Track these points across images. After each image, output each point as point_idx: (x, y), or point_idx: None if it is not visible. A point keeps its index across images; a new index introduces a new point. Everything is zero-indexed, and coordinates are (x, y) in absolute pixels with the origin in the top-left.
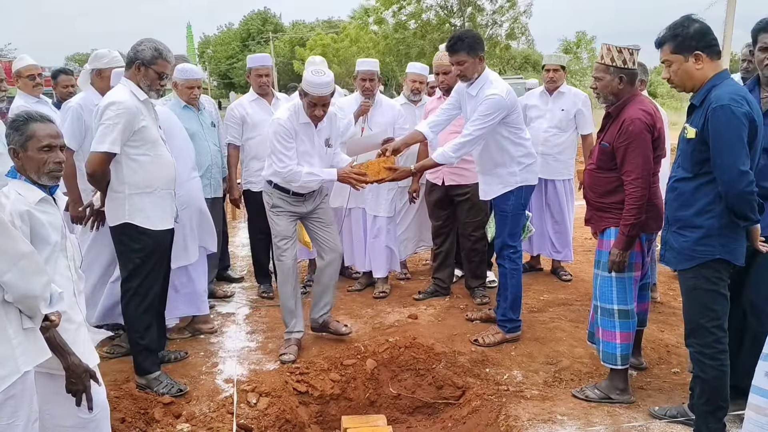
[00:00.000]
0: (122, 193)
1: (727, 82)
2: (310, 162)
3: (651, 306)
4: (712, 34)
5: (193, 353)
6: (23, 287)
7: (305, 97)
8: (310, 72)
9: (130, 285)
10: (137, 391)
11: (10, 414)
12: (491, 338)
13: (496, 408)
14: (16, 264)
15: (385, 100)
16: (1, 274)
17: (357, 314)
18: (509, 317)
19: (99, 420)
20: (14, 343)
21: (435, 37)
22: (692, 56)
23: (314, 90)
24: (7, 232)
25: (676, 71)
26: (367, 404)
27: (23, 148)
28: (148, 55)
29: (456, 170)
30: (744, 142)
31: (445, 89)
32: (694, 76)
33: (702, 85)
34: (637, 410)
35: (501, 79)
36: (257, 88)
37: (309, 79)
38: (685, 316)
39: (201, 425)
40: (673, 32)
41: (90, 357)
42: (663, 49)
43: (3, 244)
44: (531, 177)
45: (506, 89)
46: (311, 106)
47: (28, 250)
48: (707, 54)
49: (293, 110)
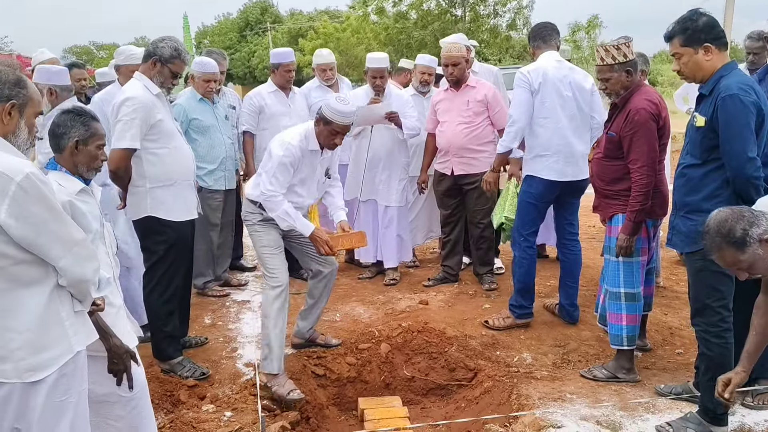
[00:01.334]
0: (143, 188)
1: (735, 72)
2: (306, 189)
3: (655, 290)
4: (719, 26)
5: (212, 339)
6: (77, 272)
7: (327, 126)
8: (335, 99)
9: (153, 275)
10: (162, 374)
11: (64, 391)
12: (501, 322)
13: (507, 388)
14: (70, 250)
15: (395, 91)
16: (58, 260)
17: (369, 301)
18: (518, 303)
19: (139, 398)
20: (66, 324)
21: (436, 28)
22: (702, 48)
23: (341, 119)
24: (63, 219)
25: (686, 63)
26: (382, 386)
27: (85, 142)
28: (167, 53)
29: (465, 160)
30: (752, 130)
31: (453, 81)
32: (704, 67)
33: (711, 75)
34: (643, 388)
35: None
36: (285, 83)
37: (335, 107)
38: (692, 296)
39: (226, 406)
40: (682, 26)
41: (129, 339)
42: (673, 42)
43: (59, 230)
44: (541, 169)
45: (534, 67)
46: (332, 134)
47: (81, 237)
48: (716, 46)
49: (304, 135)
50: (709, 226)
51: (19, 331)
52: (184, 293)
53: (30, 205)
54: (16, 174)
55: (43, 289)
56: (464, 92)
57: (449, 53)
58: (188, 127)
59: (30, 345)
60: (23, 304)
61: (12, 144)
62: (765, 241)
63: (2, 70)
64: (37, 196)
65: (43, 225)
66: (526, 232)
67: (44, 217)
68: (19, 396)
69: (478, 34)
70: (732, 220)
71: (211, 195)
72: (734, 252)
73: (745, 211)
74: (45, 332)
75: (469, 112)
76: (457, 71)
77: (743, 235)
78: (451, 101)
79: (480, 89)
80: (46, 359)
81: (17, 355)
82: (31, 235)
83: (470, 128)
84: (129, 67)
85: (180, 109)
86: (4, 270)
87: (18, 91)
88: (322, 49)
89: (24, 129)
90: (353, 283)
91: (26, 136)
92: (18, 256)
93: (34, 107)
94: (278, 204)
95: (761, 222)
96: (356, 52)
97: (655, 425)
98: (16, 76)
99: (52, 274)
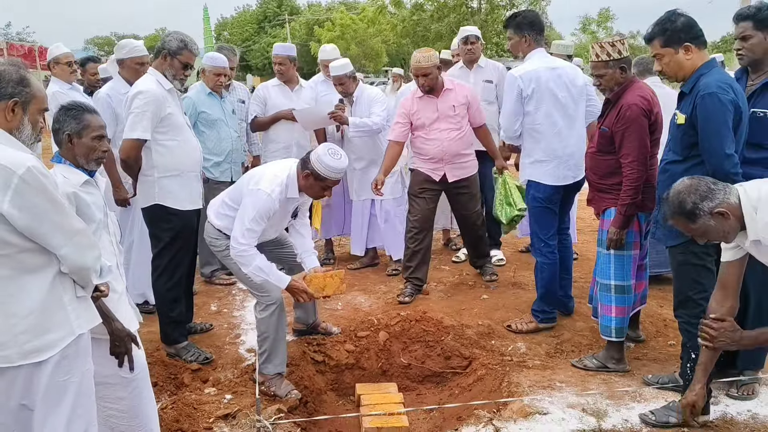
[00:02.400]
0: (152, 177)
1: (714, 70)
2: (273, 228)
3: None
4: (698, 26)
5: (217, 325)
6: (78, 260)
7: (319, 181)
8: (327, 154)
9: (160, 261)
10: (167, 358)
11: (66, 371)
12: (524, 326)
13: (499, 376)
14: (71, 239)
15: (366, 91)
16: (59, 248)
17: (371, 290)
18: (541, 308)
19: (140, 379)
20: (69, 309)
21: (452, 20)
22: (682, 48)
23: (334, 175)
24: (64, 210)
25: (668, 63)
26: (379, 373)
27: (78, 135)
28: (174, 45)
29: (459, 165)
30: (729, 128)
31: (427, 90)
32: (685, 66)
33: (692, 74)
34: (632, 378)
35: (538, 63)
36: (277, 75)
37: (328, 163)
38: (675, 288)
39: (226, 389)
40: (662, 27)
41: (131, 323)
42: (653, 44)
43: (60, 220)
44: (541, 175)
45: (526, 70)
46: (324, 189)
47: (82, 226)
48: (695, 45)
49: (285, 184)
50: (667, 193)
51: (23, 316)
52: (188, 281)
53: (32, 197)
54: (18, 167)
55: (46, 276)
56: (445, 97)
57: (419, 64)
58: (197, 119)
59: (33, 328)
60: (27, 290)
61: (17, 139)
62: (717, 214)
63: (6, 69)
64: (38, 188)
65: (45, 215)
66: (546, 236)
67: (45, 207)
68: (24, 376)
69: (494, 26)
70: (685, 193)
71: (218, 186)
72: (685, 221)
73: (702, 185)
74: (48, 316)
75: (456, 117)
76: (429, 81)
77: (693, 209)
78: (433, 108)
79: (459, 90)
80: (49, 341)
81: (21, 339)
82: (33, 224)
83: (461, 133)
84: (133, 60)
85: (189, 102)
86: (9, 257)
87: (21, 89)
88: (326, 45)
89: (28, 125)
90: (357, 273)
91: (30, 132)
92: (21, 244)
93: (37, 104)
94: (251, 258)
95: (716, 196)
96: (372, 43)
97: (639, 413)
98: (19, 75)
99: (55, 261)
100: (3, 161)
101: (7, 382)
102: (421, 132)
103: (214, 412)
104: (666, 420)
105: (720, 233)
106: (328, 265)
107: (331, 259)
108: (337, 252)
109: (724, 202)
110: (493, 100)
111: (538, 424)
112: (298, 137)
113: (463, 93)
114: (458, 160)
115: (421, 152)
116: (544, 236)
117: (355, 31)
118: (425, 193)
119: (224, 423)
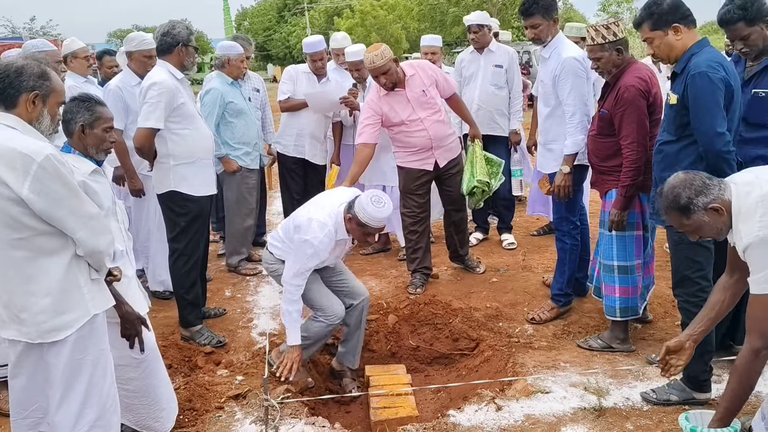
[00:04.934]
0: (167, 164)
1: (705, 50)
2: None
3: (663, 264)
4: (684, 5)
5: (230, 310)
6: (93, 243)
7: (361, 227)
8: (371, 202)
9: (176, 246)
10: (182, 342)
11: (81, 350)
12: (547, 314)
13: (505, 357)
14: (86, 224)
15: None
16: (75, 231)
17: (382, 275)
18: (565, 292)
19: (150, 360)
20: (84, 290)
21: (469, 3)
22: (671, 29)
23: (376, 223)
24: (79, 195)
25: (659, 46)
26: (388, 355)
27: (90, 126)
28: (184, 35)
29: (446, 147)
30: (720, 106)
31: (390, 87)
32: (675, 46)
33: (683, 54)
34: (636, 358)
35: (572, 48)
36: (315, 70)
37: (372, 214)
38: (673, 268)
39: (238, 371)
40: (648, 11)
41: (140, 306)
42: (642, 28)
43: (76, 205)
44: (583, 158)
45: (581, 53)
46: (366, 235)
47: (96, 211)
48: (684, 24)
49: (334, 230)
50: (662, 188)
51: (41, 296)
52: (202, 265)
53: (50, 183)
54: (37, 155)
55: (63, 258)
56: (411, 84)
57: (373, 65)
58: (224, 110)
59: (51, 308)
60: (45, 271)
61: (36, 129)
62: (711, 210)
63: (28, 63)
64: (55, 174)
65: (62, 200)
66: (575, 218)
67: (63, 193)
68: (46, 353)
69: (512, 10)
70: (680, 187)
71: (250, 174)
72: (679, 216)
73: (697, 179)
74: (65, 297)
75: (431, 101)
76: (390, 78)
77: (687, 203)
78: (403, 101)
79: (421, 71)
80: (66, 321)
81: (39, 318)
82: (51, 209)
83: (440, 114)
84: (142, 53)
85: (216, 94)
86: (28, 240)
87: (42, 83)
88: (338, 33)
89: (47, 117)
90: (369, 258)
91: (49, 123)
92: (39, 227)
93: (56, 97)
94: (294, 303)
95: (711, 191)
96: (392, 30)
97: (640, 392)
98: (40, 69)
99: (71, 245)
100: (23, 149)
101: (34, 357)
102: (402, 127)
103: (225, 392)
104: (667, 398)
105: (713, 230)
106: None
107: None
108: None
109: (718, 197)
110: (503, 85)
111: (539, 402)
112: (313, 128)
113: (427, 73)
114: (445, 143)
115: (408, 146)
116: (574, 218)
117: (375, 17)
118: (419, 188)
119: (235, 403)
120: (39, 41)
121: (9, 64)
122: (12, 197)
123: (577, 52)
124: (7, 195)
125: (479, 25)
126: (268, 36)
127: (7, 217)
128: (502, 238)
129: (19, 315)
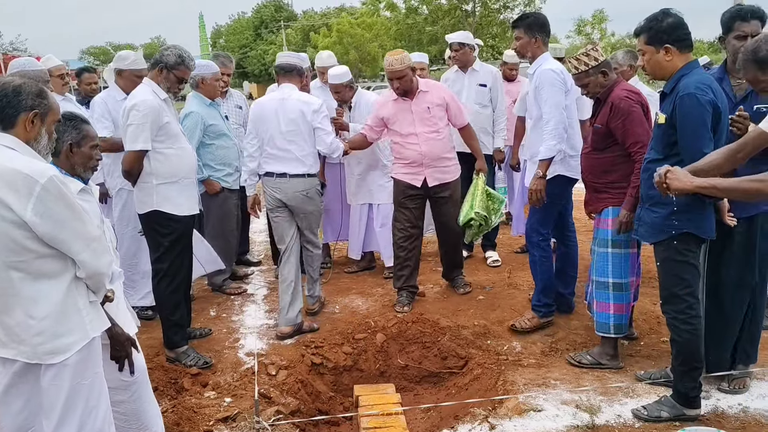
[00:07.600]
0: (150, 184)
1: (695, 71)
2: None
3: (646, 280)
4: (685, 28)
5: (216, 330)
6: (95, 265)
7: None
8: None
9: (160, 266)
10: (167, 363)
11: (81, 374)
12: (527, 323)
13: (495, 375)
14: (89, 245)
15: (365, 96)
16: (78, 254)
17: (368, 293)
18: (543, 302)
19: (139, 383)
20: (83, 313)
21: (447, 23)
22: (662, 49)
23: None
24: (82, 217)
25: (648, 60)
26: (377, 374)
27: (78, 144)
28: (171, 60)
29: (440, 169)
30: (707, 127)
31: (402, 93)
32: (664, 67)
33: (672, 75)
34: (625, 375)
35: (554, 64)
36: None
37: None
38: (660, 285)
39: (226, 393)
40: (648, 24)
41: (129, 327)
42: (640, 38)
43: (80, 227)
44: (567, 170)
45: (560, 67)
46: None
47: (98, 233)
48: (677, 47)
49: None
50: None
51: (40, 318)
52: (186, 285)
53: (53, 205)
54: (40, 176)
55: (63, 281)
56: (420, 98)
57: (391, 67)
58: (205, 133)
59: (49, 331)
60: (45, 294)
61: (34, 149)
62: None
63: (26, 82)
64: (58, 196)
65: (65, 222)
66: (546, 231)
67: (66, 215)
68: (37, 376)
69: (489, 29)
70: (762, 41)
71: (231, 195)
72: (755, 69)
73: None
74: (64, 319)
75: (433, 119)
76: (403, 84)
77: (766, 56)
78: (407, 111)
79: (435, 92)
80: (65, 344)
81: (36, 340)
82: (55, 231)
83: (439, 135)
84: (133, 72)
85: (197, 117)
86: (28, 263)
87: (40, 101)
88: (323, 52)
89: (44, 136)
90: (354, 276)
91: (46, 142)
92: (40, 250)
93: (53, 116)
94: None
95: None
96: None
97: (631, 409)
98: (38, 88)
99: (71, 267)
100: (26, 170)
101: (31, 379)
102: (399, 138)
103: (213, 415)
104: (658, 414)
105: None
106: (326, 269)
107: (328, 263)
108: (334, 256)
109: None
110: (487, 104)
111: (532, 420)
112: None
113: (440, 94)
114: (439, 164)
115: (402, 157)
116: (545, 231)
117: (353, 36)
118: (409, 201)
119: (224, 425)
120: (25, 59)
121: (6, 84)
122: (14, 220)
123: (555, 66)
124: (10, 218)
125: (460, 43)
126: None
127: (8, 240)
128: (487, 255)
129: (19, 335)
